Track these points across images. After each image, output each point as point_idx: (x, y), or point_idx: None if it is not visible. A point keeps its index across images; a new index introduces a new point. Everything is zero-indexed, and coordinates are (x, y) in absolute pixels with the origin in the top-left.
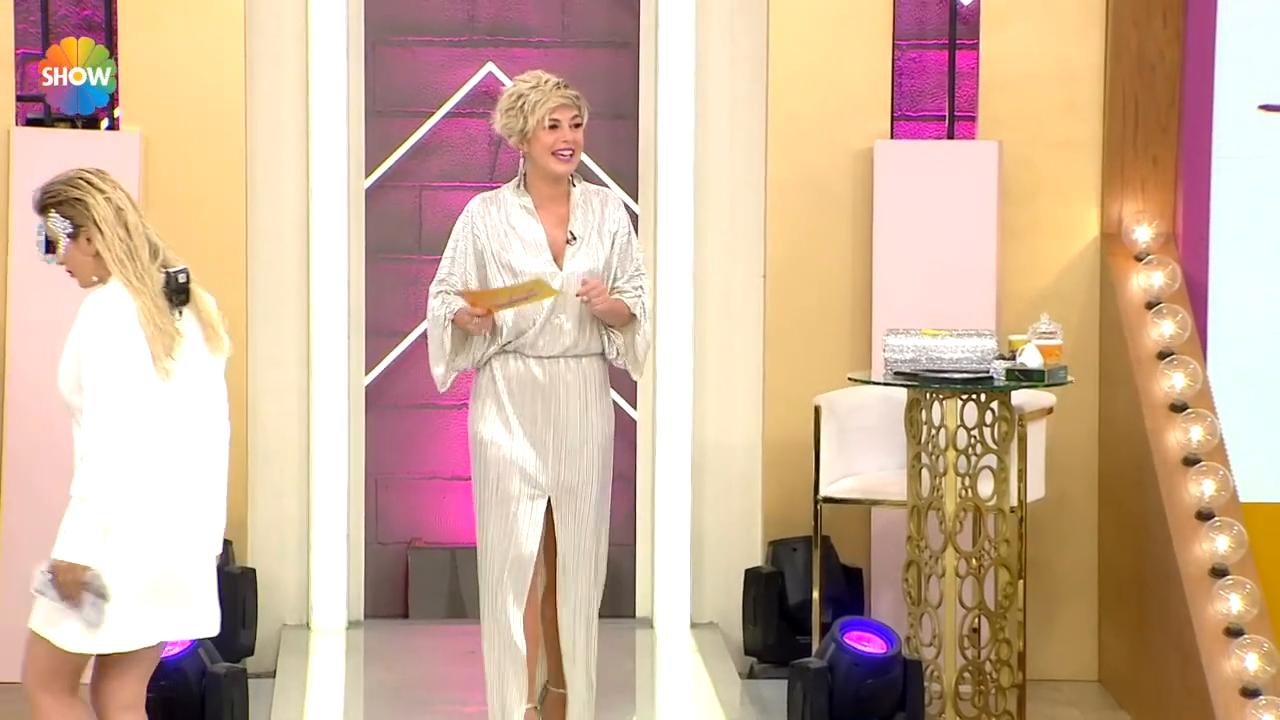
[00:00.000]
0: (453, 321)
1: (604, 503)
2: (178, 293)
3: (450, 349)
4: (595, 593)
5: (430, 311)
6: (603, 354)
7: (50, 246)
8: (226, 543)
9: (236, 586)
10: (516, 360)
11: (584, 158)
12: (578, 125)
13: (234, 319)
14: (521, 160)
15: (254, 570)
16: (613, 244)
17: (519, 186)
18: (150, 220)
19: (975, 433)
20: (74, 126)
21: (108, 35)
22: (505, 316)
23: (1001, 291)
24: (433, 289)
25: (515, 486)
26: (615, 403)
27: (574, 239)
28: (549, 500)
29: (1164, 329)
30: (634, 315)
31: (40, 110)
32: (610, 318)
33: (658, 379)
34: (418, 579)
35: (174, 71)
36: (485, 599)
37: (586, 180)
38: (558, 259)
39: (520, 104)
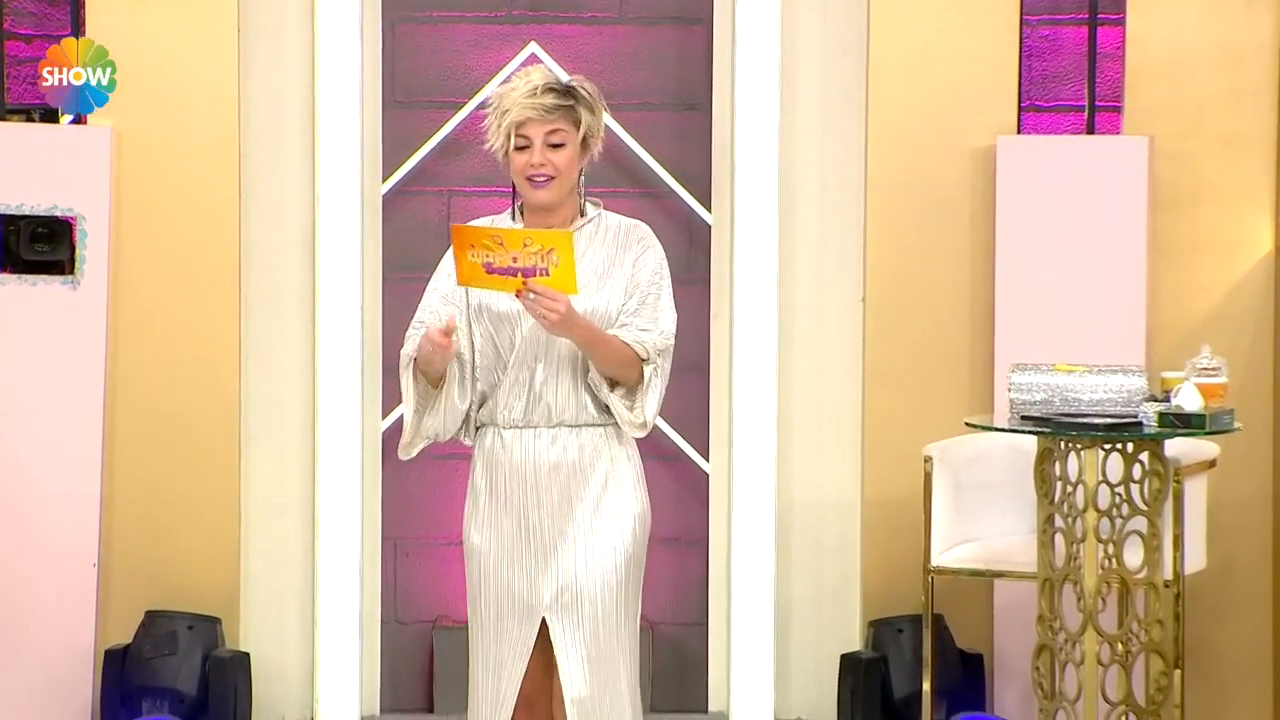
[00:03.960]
0: (415, 360)
1: (619, 630)
2: None
3: (414, 398)
4: None
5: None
6: (613, 423)
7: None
8: (214, 621)
9: (226, 673)
10: (493, 437)
11: (645, 157)
12: (557, 145)
13: (225, 349)
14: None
15: (247, 655)
16: (634, 292)
17: (514, 215)
18: (126, 231)
19: (1121, 490)
20: (30, 119)
21: (73, 11)
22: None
23: (1152, 319)
24: (408, 333)
25: (496, 610)
26: (683, 453)
27: None
28: (545, 622)
29: None
30: (638, 356)
31: None
32: (596, 354)
33: (734, 424)
34: (444, 664)
35: (153, 54)
36: None
37: (616, 210)
38: None
39: (494, 111)
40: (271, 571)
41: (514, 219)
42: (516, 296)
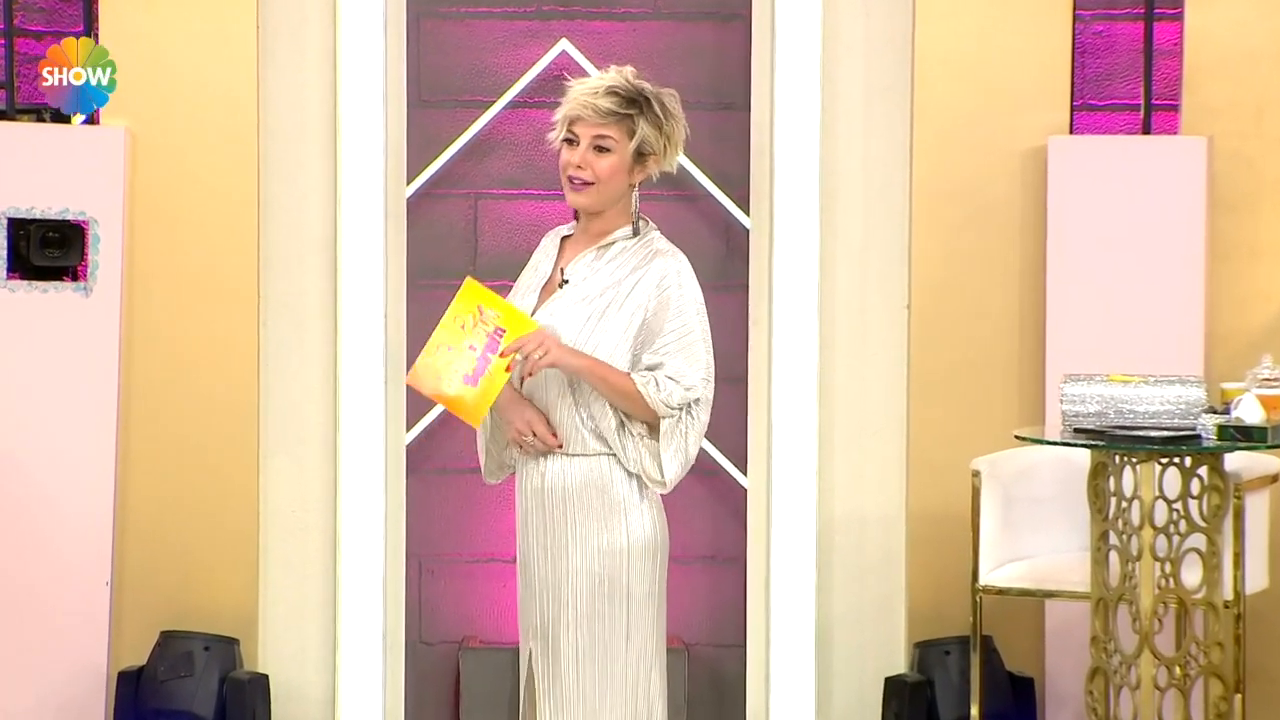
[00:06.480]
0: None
1: (600, 666)
2: None
3: (490, 425)
4: None
5: None
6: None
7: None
8: (232, 642)
9: (244, 696)
10: (529, 460)
11: (681, 158)
12: (603, 149)
13: (243, 359)
14: None
15: (266, 677)
16: (642, 313)
17: (577, 215)
18: (141, 236)
19: (1178, 506)
20: (40, 119)
21: (85, 8)
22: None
23: (1211, 327)
24: None
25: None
26: (721, 467)
27: (565, 283)
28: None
29: None
30: (639, 391)
31: (1, 99)
32: (598, 384)
33: (773, 437)
34: (471, 687)
35: (168, 52)
36: None
37: (652, 214)
38: (541, 306)
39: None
40: (291, 590)
41: (576, 216)
42: (508, 371)
